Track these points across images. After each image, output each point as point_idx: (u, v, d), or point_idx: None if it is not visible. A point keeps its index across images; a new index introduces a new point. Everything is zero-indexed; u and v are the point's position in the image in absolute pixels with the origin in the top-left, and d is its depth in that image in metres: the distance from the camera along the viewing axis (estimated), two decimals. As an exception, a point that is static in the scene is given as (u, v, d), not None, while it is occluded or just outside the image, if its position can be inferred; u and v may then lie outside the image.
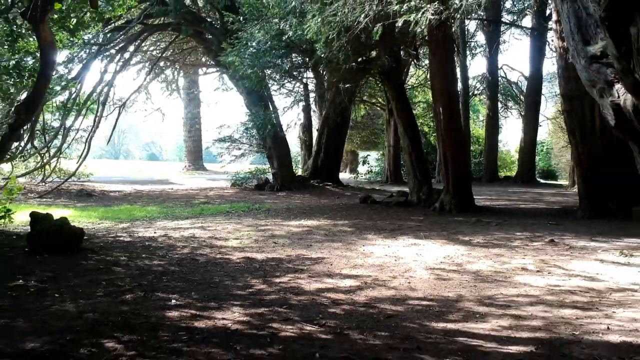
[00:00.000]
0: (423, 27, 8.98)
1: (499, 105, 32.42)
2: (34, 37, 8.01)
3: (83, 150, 19.13)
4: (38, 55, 7.82)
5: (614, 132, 3.77)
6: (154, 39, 22.53)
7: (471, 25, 28.41)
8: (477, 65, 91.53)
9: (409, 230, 9.86)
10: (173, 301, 5.02)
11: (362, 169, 34.85)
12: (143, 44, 21.32)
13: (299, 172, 24.00)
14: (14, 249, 7.30)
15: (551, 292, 5.46)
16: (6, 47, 8.54)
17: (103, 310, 4.63)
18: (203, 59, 27.27)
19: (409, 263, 6.96)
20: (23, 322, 4.22)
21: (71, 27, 8.47)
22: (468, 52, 30.62)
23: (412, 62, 19.52)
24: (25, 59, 8.85)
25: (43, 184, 18.52)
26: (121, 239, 8.72)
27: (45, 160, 17.77)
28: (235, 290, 5.51)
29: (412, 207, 13.71)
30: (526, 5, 28.60)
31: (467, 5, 9.03)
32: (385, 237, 9.10)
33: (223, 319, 4.44)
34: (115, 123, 20.95)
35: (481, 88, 33.08)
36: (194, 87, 39.86)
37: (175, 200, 16.51)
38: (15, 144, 13.27)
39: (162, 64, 24.67)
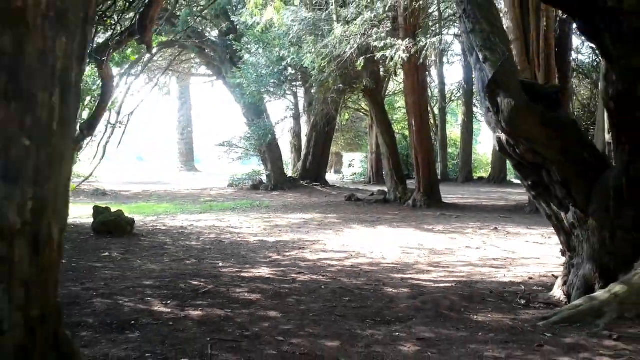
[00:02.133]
0: (397, 60, 11.42)
1: (476, 110, 34.99)
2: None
3: (95, 154, 21.29)
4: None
5: (500, 152, 6.15)
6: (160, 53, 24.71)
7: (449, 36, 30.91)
8: (455, 71, 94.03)
9: (386, 222, 12.29)
10: (220, 264, 7.37)
11: (347, 171, 37.33)
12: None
13: (290, 173, 26.30)
14: (81, 235, 9.59)
15: (480, 259, 7.89)
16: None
17: (176, 268, 6.96)
18: (193, 70, 29.55)
19: (384, 243, 9.35)
20: (131, 273, 6.54)
21: (117, 61, 10.75)
22: (446, 61, 33.30)
23: (391, 79, 21.95)
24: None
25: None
26: (158, 227, 11.04)
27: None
28: (259, 259, 7.86)
29: (390, 204, 16.17)
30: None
31: (431, 43, 11.49)
32: (367, 226, 11.51)
33: (258, 272, 6.80)
34: (125, 129, 23.09)
35: (458, 95, 35.70)
36: (185, 92, 41.94)
37: (182, 199, 18.78)
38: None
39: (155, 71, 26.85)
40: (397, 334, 4.32)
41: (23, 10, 1.69)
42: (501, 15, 15.54)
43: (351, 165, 36.05)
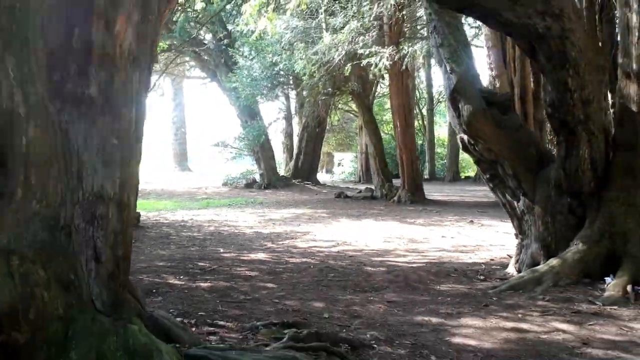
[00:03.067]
0: (380, 67, 12.40)
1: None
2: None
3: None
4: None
5: (463, 150, 7.12)
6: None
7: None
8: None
9: (371, 216, 13.26)
10: (221, 250, 8.31)
11: (338, 170, 38.36)
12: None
13: (282, 172, 27.23)
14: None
15: (452, 246, 8.85)
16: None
17: (183, 253, 7.90)
18: (187, 72, 30.47)
19: (368, 233, 10.31)
20: (144, 257, 7.47)
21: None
22: (433, 64, 34.34)
23: (379, 82, 22.95)
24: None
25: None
26: (161, 221, 11.95)
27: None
28: (256, 247, 8.80)
29: (376, 200, 17.15)
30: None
31: (412, 51, 12.48)
32: (353, 220, 12.48)
33: (255, 256, 7.74)
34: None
35: (445, 96, 36.78)
36: (179, 93, 42.72)
37: (180, 197, 19.66)
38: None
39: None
40: (371, 298, 5.29)
41: (114, 57, 2.61)
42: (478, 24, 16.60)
43: (340, 165, 37.07)
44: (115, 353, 2.37)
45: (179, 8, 19.05)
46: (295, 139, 27.78)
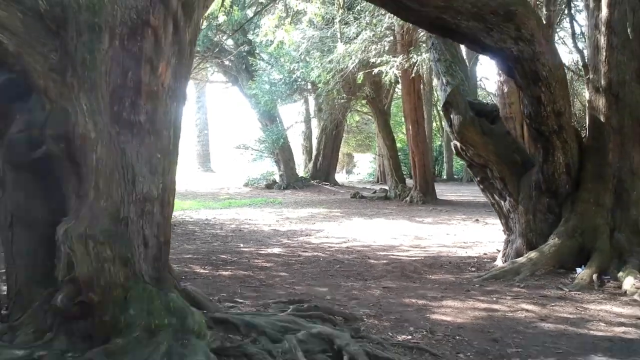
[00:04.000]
0: (392, 75, 13.20)
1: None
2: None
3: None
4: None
5: (456, 155, 7.87)
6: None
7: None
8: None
9: (383, 215, 14.06)
10: (241, 245, 9.19)
11: (357, 170, 39.26)
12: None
13: (301, 173, 28.11)
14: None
15: (453, 243, 9.62)
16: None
17: (206, 248, 8.79)
18: (209, 76, 31.51)
19: (377, 231, 11.12)
20: (172, 250, 8.34)
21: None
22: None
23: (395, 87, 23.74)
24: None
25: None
26: (186, 220, 12.89)
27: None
28: (272, 242, 9.66)
29: (390, 201, 17.94)
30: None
31: (421, 60, 13.25)
32: (365, 219, 13.29)
33: (271, 250, 8.60)
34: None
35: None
36: (202, 96, 43.83)
37: (203, 197, 20.64)
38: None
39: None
40: (370, 284, 6.12)
41: (157, 92, 3.48)
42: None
43: (355, 166, 37.94)
44: (160, 312, 3.23)
45: (203, 18, 20.04)
46: (314, 141, 28.65)
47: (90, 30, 3.20)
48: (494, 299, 5.46)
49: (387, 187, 19.47)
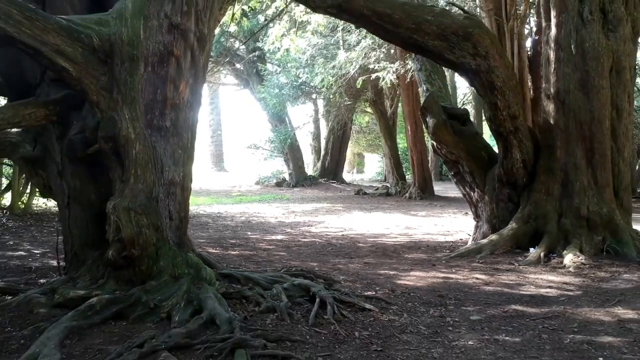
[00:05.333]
0: (388, 80, 14.38)
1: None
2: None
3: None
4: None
5: (434, 153, 9.00)
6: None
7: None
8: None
9: (381, 209, 15.22)
10: (249, 233, 10.40)
11: (367, 169, 40.52)
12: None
13: (310, 172, 29.29)
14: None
15: (438, 231, 10.75)
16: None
17: (218, 235, 10.01)
18: (222, 79, 32.86)
19: (373, 222, 12.28)
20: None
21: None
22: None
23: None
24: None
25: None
26: (200, 213, 14.13)
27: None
28: (277, 231, 10.86)
29: (390, 197, 19.09)
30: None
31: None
32: (365, 212, 14.46)
33: (275, 237, 9.81)
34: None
35: (469, 98, 38.45)
36: (215, 98, 45.12)
37: (216, 194, 21.90)
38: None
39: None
40: (353, 261, 7.30)
41: (179, 104, 4.68)
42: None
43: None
44: (181, 265, 4.43)
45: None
46: (323, 141, 29.82)
47: (130, 59, 4.41)
48: (453, 270, 6.62)
49: (388, 184, 20.60)
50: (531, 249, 7.32)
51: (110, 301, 4.05)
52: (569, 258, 6.76)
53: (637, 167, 17.52)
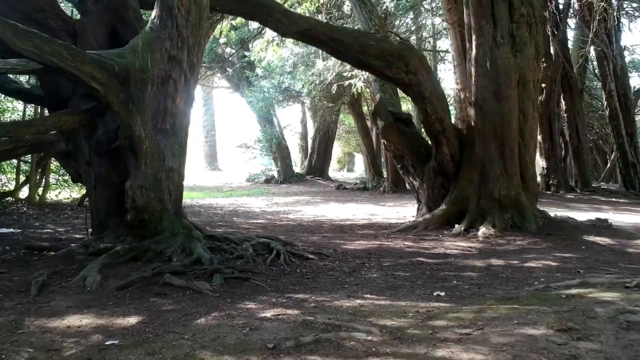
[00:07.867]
0: (358, 87, 16.30)
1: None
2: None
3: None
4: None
5: (385, 150, 10.95)
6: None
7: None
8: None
9: (355, 201, 17.12)
10: (235, 219, 12.27)
11: (355, 168, 42.45)
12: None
13: (298, 169, 31.19)
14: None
15: (395, 216, 12.61)
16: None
17: (208, 220, 11.86)
18: (215, 82, 34.76)
19: (344, 211, 14.15)
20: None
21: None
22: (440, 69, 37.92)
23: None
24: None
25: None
26: (193, 205, 15.99)
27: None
28: (259, 217, 12.72)
29: (367, 191, 21.01)
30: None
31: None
32: (340, 203, 16.35)
33: (256, 222, 11.67)
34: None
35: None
36: (209, 100, 46.88)
37: (209, 190, 23.74)
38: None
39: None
40: (314, 235, 9.18)
41: (176, 113, 6.54)
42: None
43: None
44: (177, 226, 6.30)
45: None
46: (309, 141, 31.73)
47: (141, 81, 6.27)
48: (389, 240, 8.51)
49: (365, 180, 22.50)
50: (456, 225, 9.20)
51: (129, 249, 5.93)
52: (482, 231, 8.65)
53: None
